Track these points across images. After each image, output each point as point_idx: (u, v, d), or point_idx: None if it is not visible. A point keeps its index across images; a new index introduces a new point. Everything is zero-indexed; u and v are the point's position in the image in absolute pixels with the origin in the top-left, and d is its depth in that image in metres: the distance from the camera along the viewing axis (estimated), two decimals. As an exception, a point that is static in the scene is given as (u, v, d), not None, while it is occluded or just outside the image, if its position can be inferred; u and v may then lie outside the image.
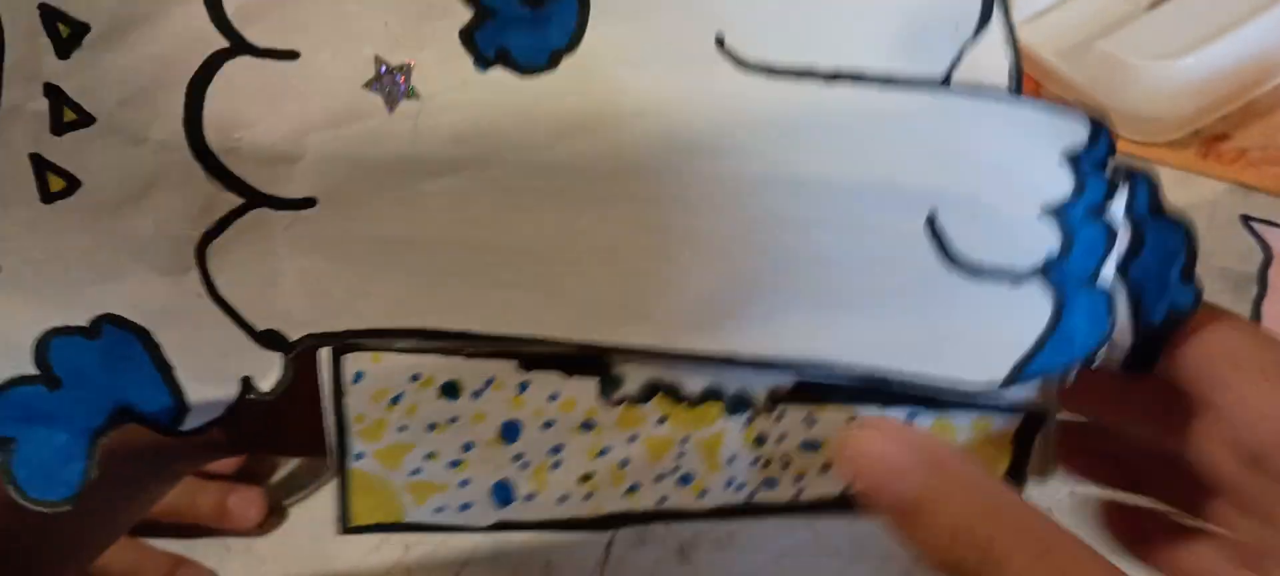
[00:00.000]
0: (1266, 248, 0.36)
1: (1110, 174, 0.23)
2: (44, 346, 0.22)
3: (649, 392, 0.25)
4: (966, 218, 0.23)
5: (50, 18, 0.21)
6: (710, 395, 0.25)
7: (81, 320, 0.22)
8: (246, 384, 0.23)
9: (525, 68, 0.22)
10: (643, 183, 0.22)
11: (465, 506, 0.25)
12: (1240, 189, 0.48)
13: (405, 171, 0.22)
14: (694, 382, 0.25)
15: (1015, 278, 0.23)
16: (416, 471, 0.25)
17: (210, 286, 0.23)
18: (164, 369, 0.23)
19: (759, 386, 0.25)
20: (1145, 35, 0.49)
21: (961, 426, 0.26)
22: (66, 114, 0.21)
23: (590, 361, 0.24)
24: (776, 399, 0.25)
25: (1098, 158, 0.23)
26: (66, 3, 0.21)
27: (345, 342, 0.24)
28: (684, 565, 0.42)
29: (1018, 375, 0.24)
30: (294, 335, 0.23)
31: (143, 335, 0.23)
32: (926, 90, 0.22)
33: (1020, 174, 0.23)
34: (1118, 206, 0.23)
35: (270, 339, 0.23)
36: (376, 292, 0.23)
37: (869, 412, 0.25)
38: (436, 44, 0.22)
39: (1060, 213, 0.23)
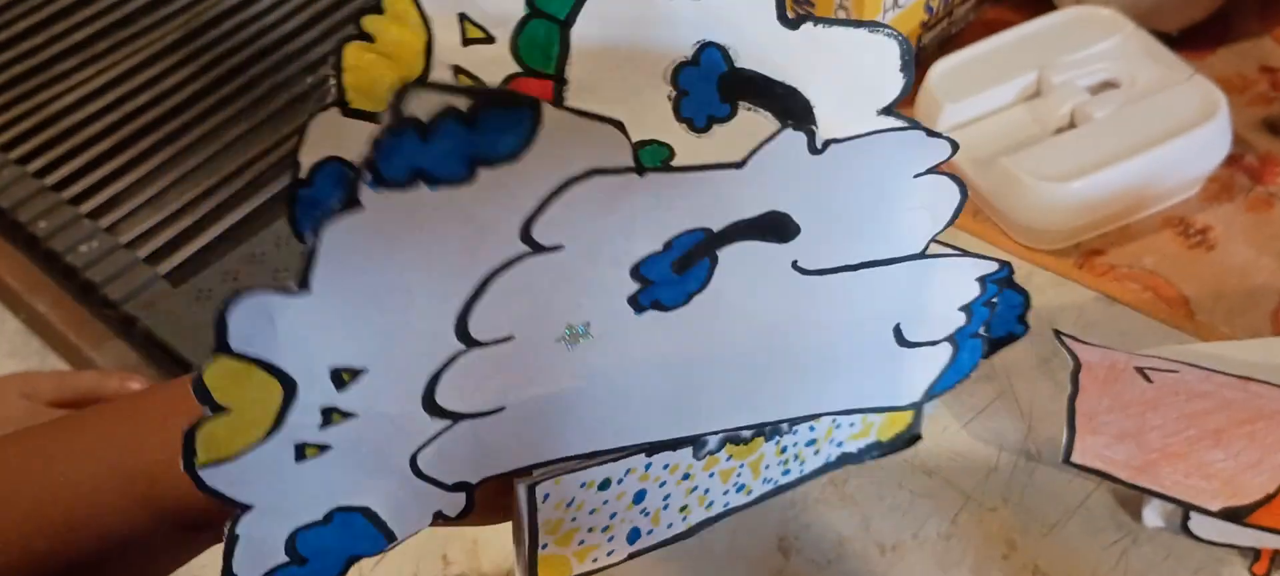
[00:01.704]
0: (1075, 357, 0.43)
1: (999, 281, 0.34)
2: (293, 541, 0.28)
3: (721, 444, 0.35)
4: (917, 322, 0.34)
5: (336, 373, 0.26)
6: (757, 433, 0.35)
7: (318, 517, 0.28)
8: (438, 515, 0.30)
9: (669, 307, 0.29)
10: (728, 345, 0.31)
11: (611, 553, 0.35)
12: (1104, 299, 0.54)
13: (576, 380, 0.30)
14: (748, 431, 0.35)
15: (934, 343, 0.35)
16: (581, 542, 0.34)
17: (416, 471, 0.29)
18: (380, 525, 0.29)
19: (782, 422, 0.36)
20: (1043, 158, 0.55)
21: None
22: (335, 417, 0.26)
23: (689, 439, 0.34)
24: (793, 423, 0.36)
25: (998, 277, 0.34)
26: (350, 358, 0.25)
27: (535, 479, 0.32)
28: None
29: (927, 395, 0.36)
30: (476, 480, 0.30)
31: (365, 510, 0.29)
32: (908, 262, 0.32)
33: (952, 295, 0.34)
34: (1004, 296, 0.35)
35: (459, 487, 0.30)
36: (525, 442, 0.31)
37: (842, 419, 0.38)
38: (609, 307, 0.28)
39: (968, 308, 0.34)
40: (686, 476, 0.35)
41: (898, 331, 0.34)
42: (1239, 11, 0.65)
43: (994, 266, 0.34)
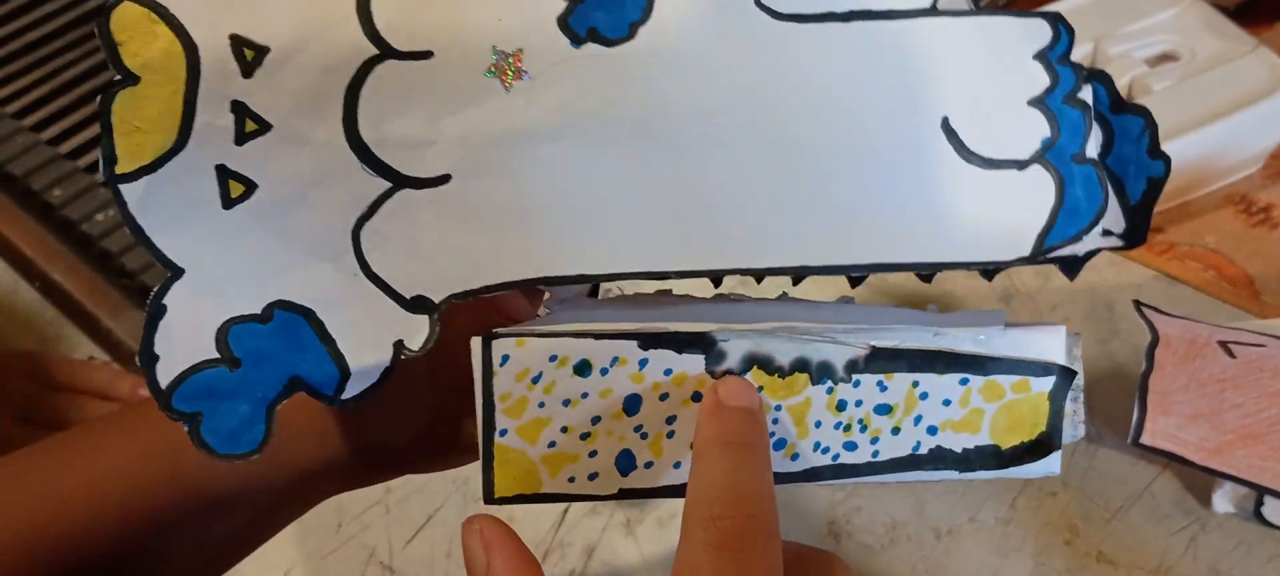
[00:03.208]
0: (1154, 330, 0.40)
1: (1073, 65, 0.28)
2: (223, 334, 0.25)
3: (747, 365, 0.28)
4: (972, 119, 0.27)
5: (238, 44, 0.25)
6: (798, 366, 0.28)
7: (255, 308, 0.26)
8: (399, 346, 0.26)
9: (611, 40, 0.26)
10: (712, 126, 0.26)
11: (593, 476, 0.28)
12: (1165, 278, 0.52)
13: (523, 140, 0.26)
14: (785, 355, 0.28)
15: (1021, 164, 0.27)
16: (552, 444, 0.28)
17: (364, 265, 0.26)
18: (328, 342, 0.26)
19: (840, 357, 0.28)
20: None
21: (1006, 385, 0.30)
22: (248, 125, 0.25)
23: (698, 339, 0.28)
24: (854, 367, 0.29)
25: (1061, 52, 0.27)
26: (253, 30, 0.25)
27: (493, 333, 0.27)
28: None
29: (1040, 248, 0.28)
30: (439, 297, 0.26)
31: (309, 315, 0.26)
32: (922, 16, 0.27)
33: (1006, 75, 0.27)
34: (1086, 91, 0.28)
35: (419, 304, 0.26)
36: (507, 251, 0.26)
37: (928, 379, 0.29)
38: (539, 31, 0.25)
39: (1042, 103, 0.27)
40: (697, 398, 0.28)
41: (950, 131, 0.27)
42: (1297, -14, 0.63)
43: (1047, 32, 0.27)
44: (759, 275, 0.28)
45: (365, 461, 0.32)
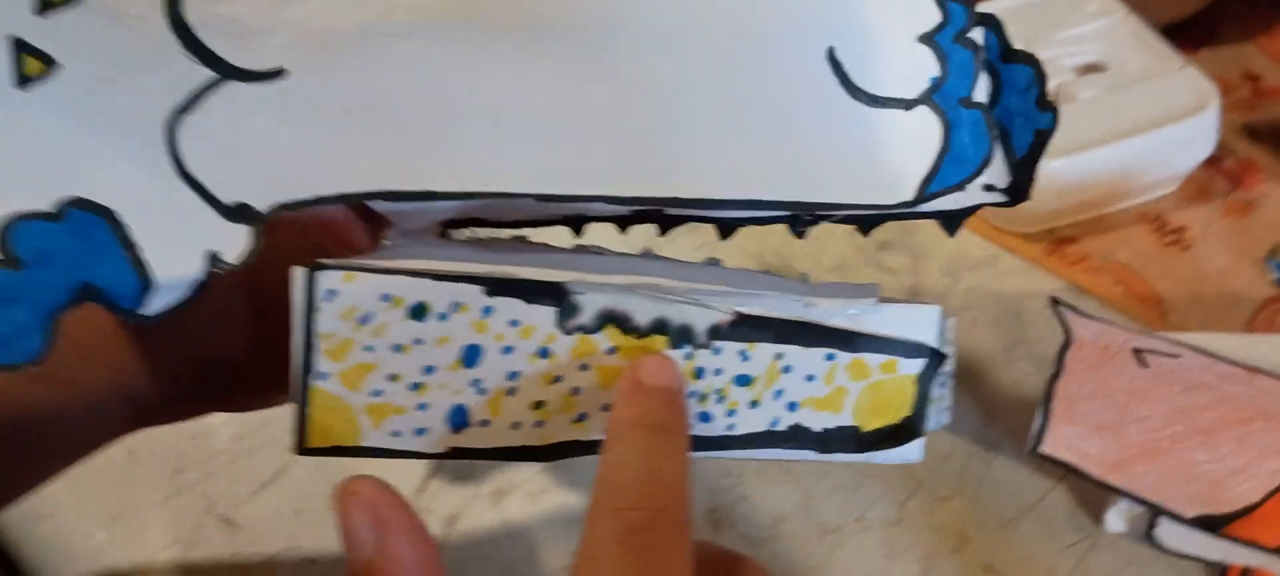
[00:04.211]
0: (1068, 331, 0.38)
1: (963, 3, 0.26)
2: (6, 230, 0.21)
3: (602, 322, 0.25)
4: (859, 51, 0.25)
5: None
6: (658, 327, 0.26)
7: (46, 204, 0.22)
8: (214, 259, 0.22)
9: None
10: (581, 39, 0.23)
11: (421, 431, 0.25)
12: (1075, 289, 0.51)
13: (369, 36, 0.22)
14: (644, 314, 0.26)
15: (907, 104, 0.25)
16: (377, 393, 0.25)
17: (178, 163, 0.22)
18: (130, 247, 0.22)
19: (702, 320, 0.26)
20: (1025, 132, 0.52)
21: (873, 364, 0.28)
22: None
23: (550, 289, 0.25)
24: (717, 332, 0.26)
25: None
26: None
27: (319, 263, 0.24)
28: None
29: (922, 194, 0.26)
30: (263, 205, 0.22)
31: (109, 215, 0.22)
32: None
33: (895, 7, 0.25)
34: (976, 33, 0.26)
35: (240, 213, 0.22)
36: (344, 159, 0.23)
37: (794, 351, 0.27)
38: None
39: (932, 40, 0.25)
40: (544, 354, 0.25)
41: (837, 65, 0.25)
42: (1224, 16, 0.62)
43: None
44: (628, 204, 0.25)
45: (171, 391, 0.28)
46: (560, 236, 0.31)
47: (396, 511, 0.22)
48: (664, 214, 0.30)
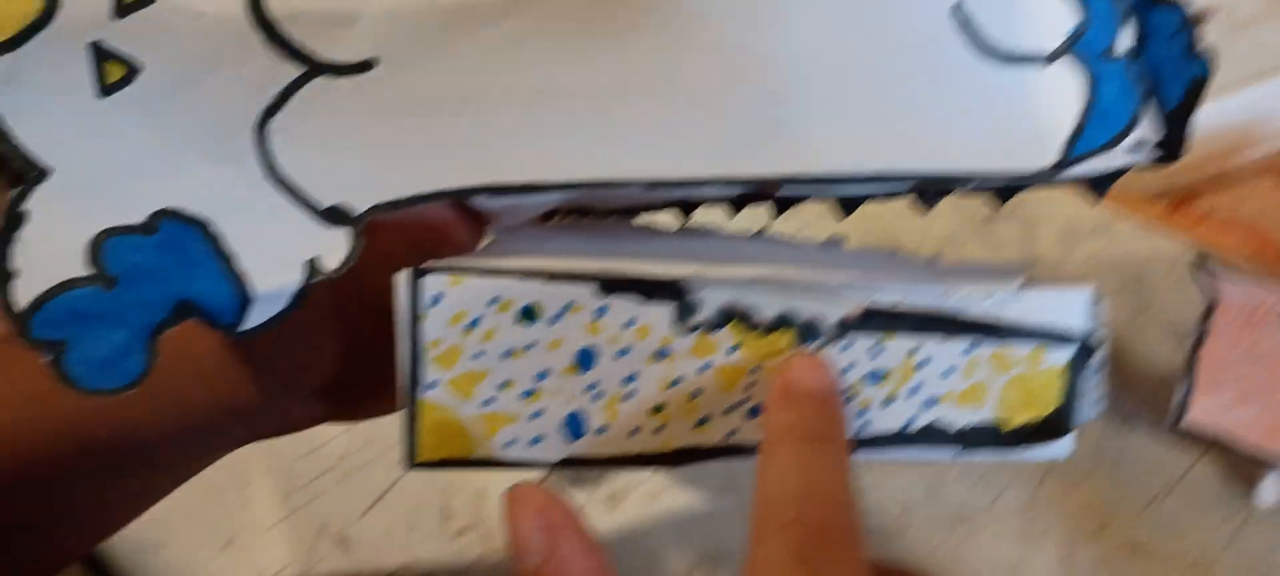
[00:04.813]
0: (1214, 293, 0.36)
1: None
2: (98, 248, 0.21)
3: (723, 319, 0.24)
4: (988, 4, 0.23)
5: None
6: (782, 322, 0.25)
7: (137, 218, 0.21)
8: (312, 267, 0.22)
9: None
10: (679, 12, 0.22)
11: (536, 440, 0.24)
12: (1198, 249, 0.48)
13: (461, 20, 0.21)
14: (768, 308, 0.24)
15: (1044, 59, 0.23)
16: (489, 402, 0.24)
17: (270, 167, 0.21)
18: (225, 259, 0.21)
19: (831, 314, 0.25)
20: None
21: (1018, 357, 0.26)
22: None
23: (668, 287, 0.24)
24: (846, 327, 0.25)
25: None
26: None
27: (423, 267, 0.23)
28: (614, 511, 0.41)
29: (1068, 156, 0.24)
30: (360, 207, 0.22)
31: (202, 227, 0.21)
32: None
33: None
34: None
35: (335, 215, 0.22)
36: (443, 153, 0.22)
37: (931, 343, 0.25)
38: None
39: None
40: (663, 354, 0.24)
41: (964, 20, 0.22)
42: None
43: None
44: (742, 185, 0.23)
45: (274, 404, 0.27)
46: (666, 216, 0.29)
47: (566, 518, 0.21)
48: (779, 194, 0.28)
